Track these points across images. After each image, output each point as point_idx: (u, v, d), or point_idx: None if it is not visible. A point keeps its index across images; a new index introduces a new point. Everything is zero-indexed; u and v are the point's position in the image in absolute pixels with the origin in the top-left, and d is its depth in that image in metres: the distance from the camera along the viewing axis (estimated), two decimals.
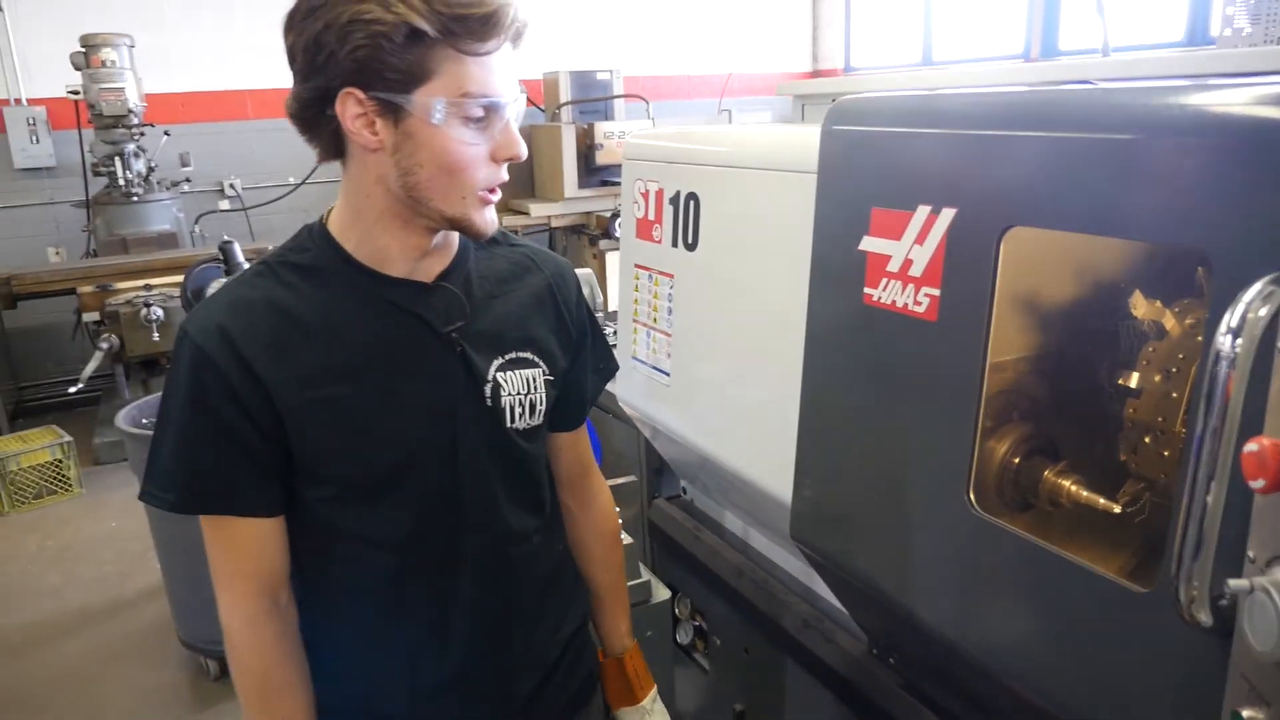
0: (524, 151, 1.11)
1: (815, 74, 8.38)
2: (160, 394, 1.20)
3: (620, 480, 2.18)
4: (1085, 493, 1.38)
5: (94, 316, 4.69)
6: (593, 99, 6.25)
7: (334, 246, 1.16)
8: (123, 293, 4.69)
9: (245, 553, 1.16)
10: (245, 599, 1.16)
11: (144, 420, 2.91)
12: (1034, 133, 1.01)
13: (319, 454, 1.13)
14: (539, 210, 5.90)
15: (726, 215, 1.70)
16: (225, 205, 6.24)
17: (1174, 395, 1.22)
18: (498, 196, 1.14)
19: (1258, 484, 0.65)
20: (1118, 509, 1.33)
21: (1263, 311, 0.77)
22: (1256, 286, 0.78)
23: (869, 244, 1.27)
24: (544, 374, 1.27)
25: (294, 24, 1.05)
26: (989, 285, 1.10)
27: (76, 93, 5.06)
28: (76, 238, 5.86)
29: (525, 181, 6.29)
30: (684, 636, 2.29)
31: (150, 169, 5.37)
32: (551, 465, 1.41)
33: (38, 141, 5.71)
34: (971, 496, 1.19)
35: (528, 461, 1.28)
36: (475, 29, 1.02)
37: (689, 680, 2.27)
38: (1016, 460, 1.46)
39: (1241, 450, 0.69)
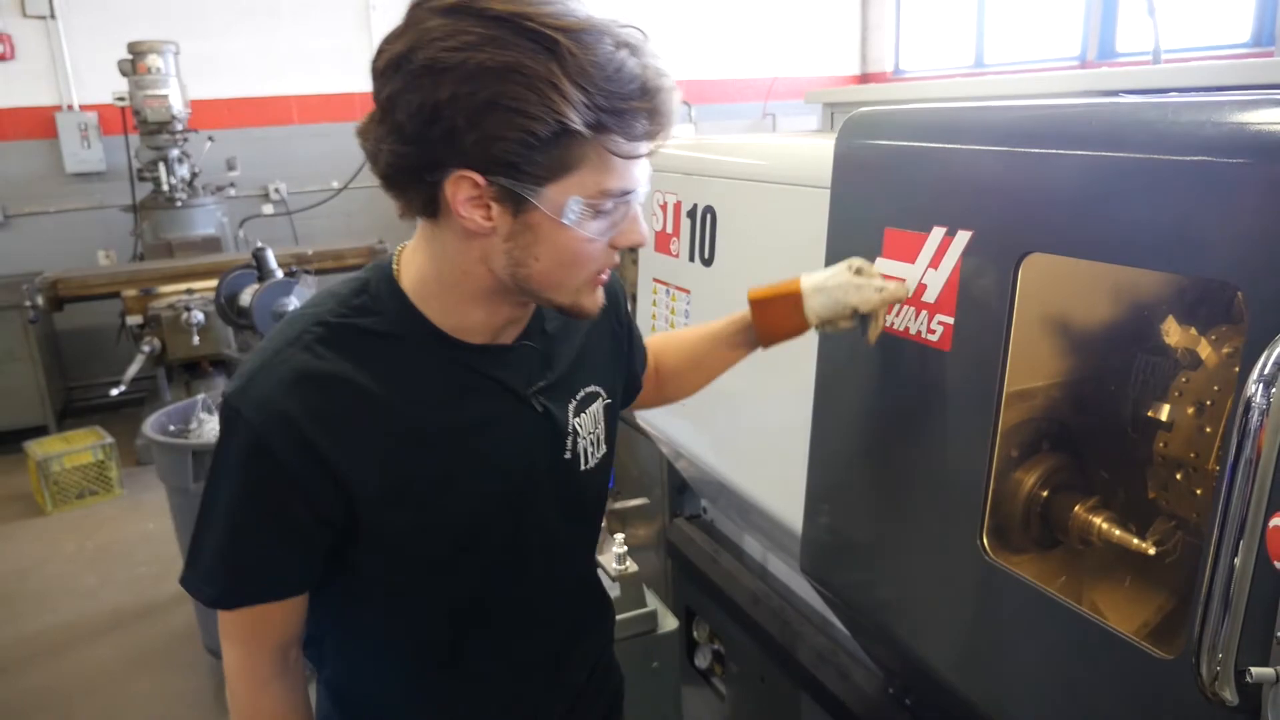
0: (644, 240, 1.00)
1: (864, 78, 8.24)
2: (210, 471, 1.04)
3: (633, 502, 2.12)
4: (1118, 531, 1.29)
5: (137, 320, 4.75)
6: None
7: (413, 313, 1.01)
8: (165, 296, 4.75)
9: (268, 625, 1.06)
10: (259, 662, 1.08)
11: (171, 427, 2.93)
12: (1054, 150, 0.93)
13: (388, 532, 1.03)
14: None
15: (743, 230, 1.63)
16: (269, 210, 6.31)
17: (1208, 430, 1.13)
18: (608, 277, 1.04)
19: None
20: (1151, 551, 1.24)
21: None
22: None
23: (882, 266, 1.20)
24: (604, 400, 1.19)
25: (402, 73, 0.87)
26: (1006, 315, 1.02)
27: (123, 99, 5.15)
28: (125, 241, 5.97)
29: None
30: (703, 660, 2.23)
31: (194, 174, 5.44)
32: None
33: (89, 147, 5.82)
34: (984, 541, 1.11)
35: (592, 498, 1.23)
36: (635, 127, 0.89)
37: (706, 705, 2.20)
38: (1045, 494, 1.37)
39: (1268, 524, 0.61)
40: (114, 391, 4.45)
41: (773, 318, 1.26)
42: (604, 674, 1.36)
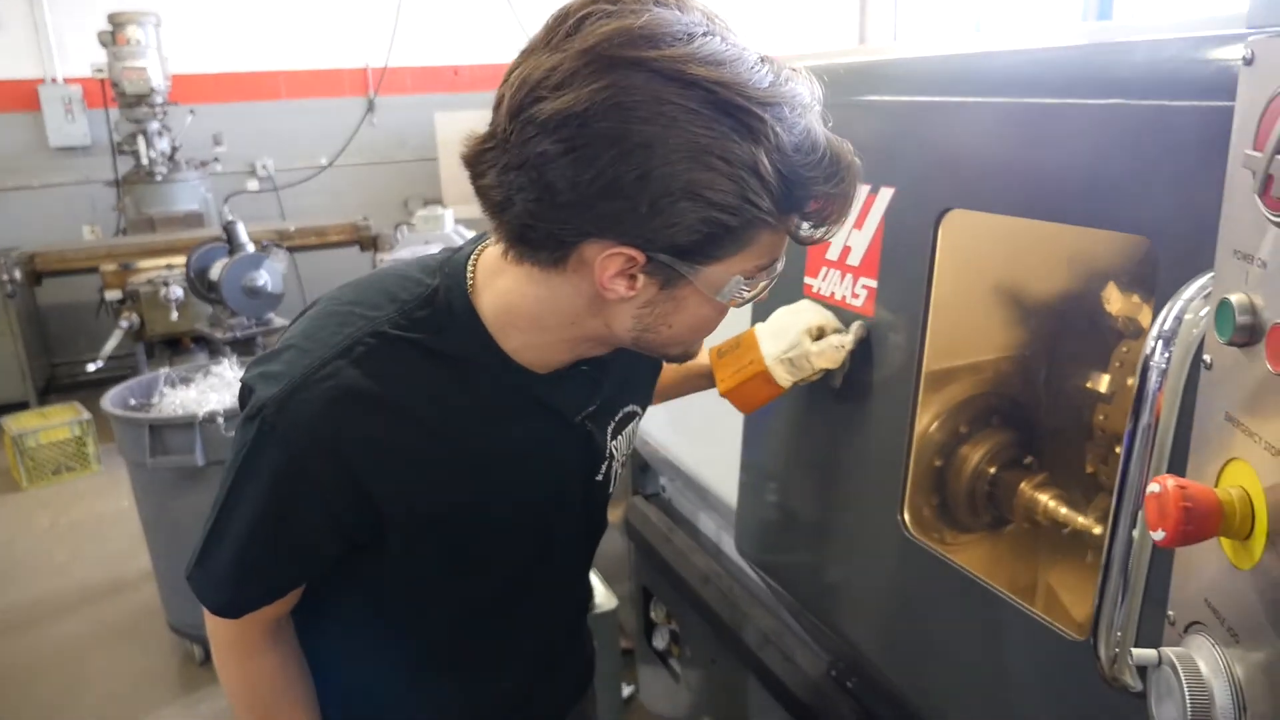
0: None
1: None
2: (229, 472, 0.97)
3: None
4: (1064, 509, 1.24)
5: (116, 295, 4.70)
6: None
7: (485, 341, 0.94)
8: (144, 272, 4.69)
9: (267, 610, 1.02)
10: (247, 636, 1.04)
11: (133, 401, 2.88)
12: (968, 99, 0.87)
13: (413, 554, 1.00)
14: None
15: None
16: (254, 186, 6.24)
17: None
18: None
19: (1158, 534, 0.51)
20: (1099, 529, 1.19)
21: (1203, 314, 0.62)
22: (1199, 282, 0.63)
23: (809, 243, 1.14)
24: (639, 418, 1.15)
25: (571, 133, 0.75)
26: (926, 276, 0.96)
27: (101, 71, 5.08)
28: (110, 216, 5.92)
29: None
30: (660, 641, 2.18)
31: (175, 148, 5.38)
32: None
33: (73, 120, 5.75)
34: (905, 517, 1.05)
35: (606, 515, 1.20)
36: (823, 213, 0.83)
37: (662, 685, 2.16)
38: (992, 470, 1.32)
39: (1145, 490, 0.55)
40: (91, 367, 4.40)
41: (747, 395, 1.22)
42: (580, 643, 1.35)
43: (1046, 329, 1.27)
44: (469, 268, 0.95)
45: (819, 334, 1.14)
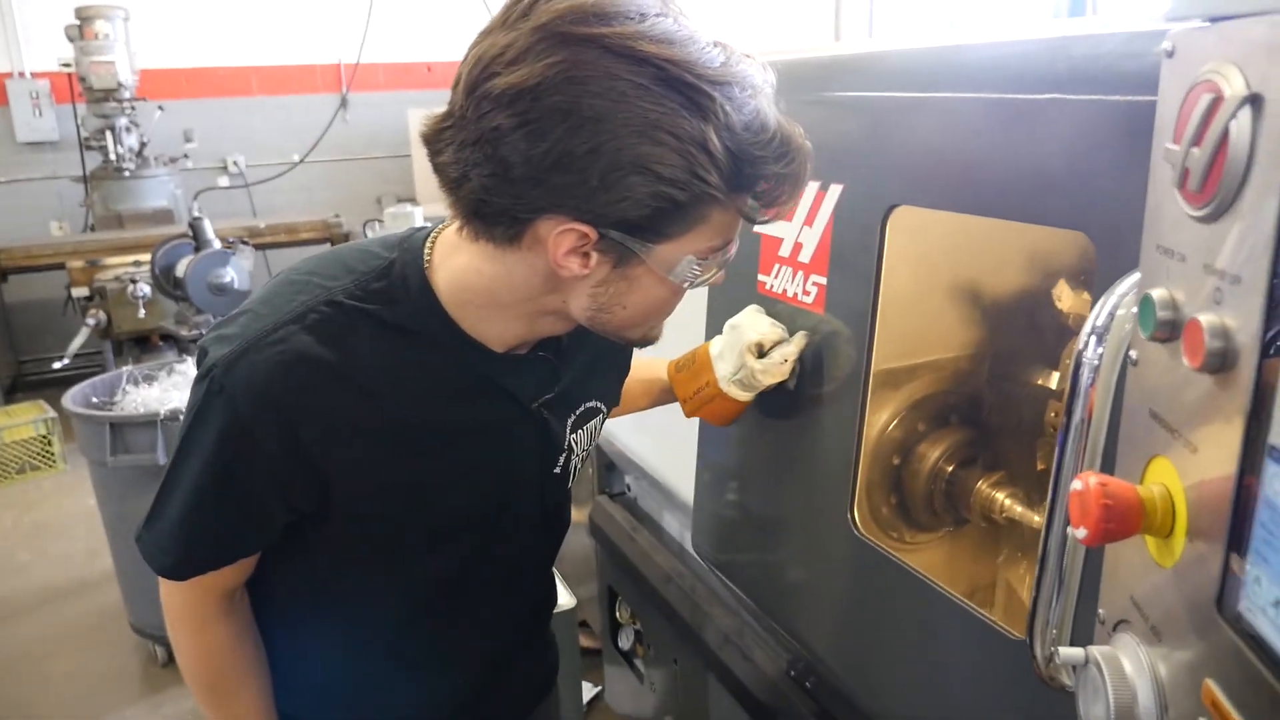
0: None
1: None
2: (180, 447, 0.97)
3: None
4: (1019, 508, 1.24)
5: (84, 292, 4.64)
6: None
7: (440, 315, 0.94)
8: (111, 269, 4.63)
9: (214, 579, 1.01)
10: (198, 604, 1.03)
11: (95, 399, 2.83)
12: (912, 94, 0.86)
13: (360, 527, 0.99)
14: None
15: None
16: (225, 182, 6.18)
17: None
18: None
19: (1080, 533, 0.50)
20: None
21: (1134, 310, 0.62)
22: (1132, 279, 0.63)
23: (762, 225, 1.13)
24: (602, 415, 1.14)
25: (524, 108, 0.77)
26: (874, 274, 0.96)
27: (68, 65, 5.01)
28: (78, 212, 5.84)
29: None
30: (625, 642, 2.17)
31: (143, 144, 5.31)
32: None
33: (40, 115, 5.67)
34: (854, 515, 1.04)
35: (566, 507, 1.18)
36: (774, 194, 0.84)
37: (627, 685, 2.15)
38: (950, 469, 1.31)
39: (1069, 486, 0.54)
40: (57, 365, 4.34)
41: (715, 414, 1.22)
42: (543, 646, 1.33)
43: (1002, 326, 1.27)
44: (428, 245, 0.95)
45: (760, 350, 1.14)
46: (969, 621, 0.89)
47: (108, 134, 5.02)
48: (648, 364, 1.33)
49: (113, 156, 5.11)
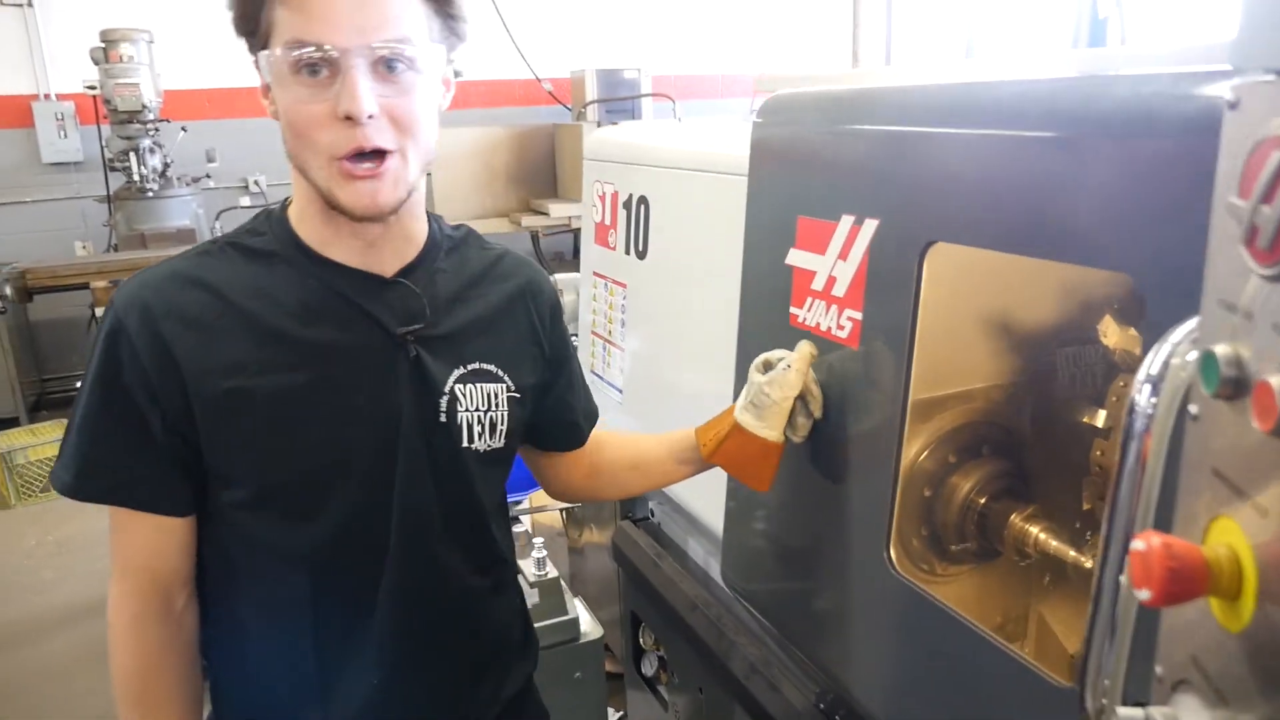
0: (358, 108, 0.92)
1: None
2: None
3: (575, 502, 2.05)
4: (1054, 542, 1.22)
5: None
6: (619, 98, 6.12)
7: (289, 232, 1.04)
8: None
9: (142, 548, 1.05)
10: (135, 596, 1.05)
11: None
12: (954, 129, 0.85)
13: (232, 452, 1.02)
14: (559, 210, 5.79)
15: (674, 221, 1.56)
16: (247, 201, 6.23)
17: None
18: (370, 168, 0.96)
19: (1143, 594, 0.49)
20: (1089, 563, 1.16)
21: (1190, 358, 0.61)
22: (1186, 326, 0.61)
23: (795, 257, 1.12)
24: (507, 390, 1.13)
25: None
26: (910, 311, 0.95)
27: (94, 87, 5.08)
28: (102, 232, 5.90)
29: (547, 181, 6.19)
30: (648, 668, 2.16)
31: (167, 164, 5.36)
32: (553, 476, 1.34)
33: (65, 136, 5.74)
34: (891, 553, 1.03)
35: (480, 490, 1.14)
36: None
37: (651, 712, 2.13)
38: (982, 501, 1.30)
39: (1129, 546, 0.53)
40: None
41: (732, 456, 1.19)
42: (514, 718, 1.28)
43: (1039, 358, 1.25)
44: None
45: (768, 366, 1.14)
46: (1006, 662, 0.88)
47: (132, 155, 5.08)
48: (636, 439, 1.36)
49: (136, 177, 5.16)
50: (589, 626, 1.66)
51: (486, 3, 6.24)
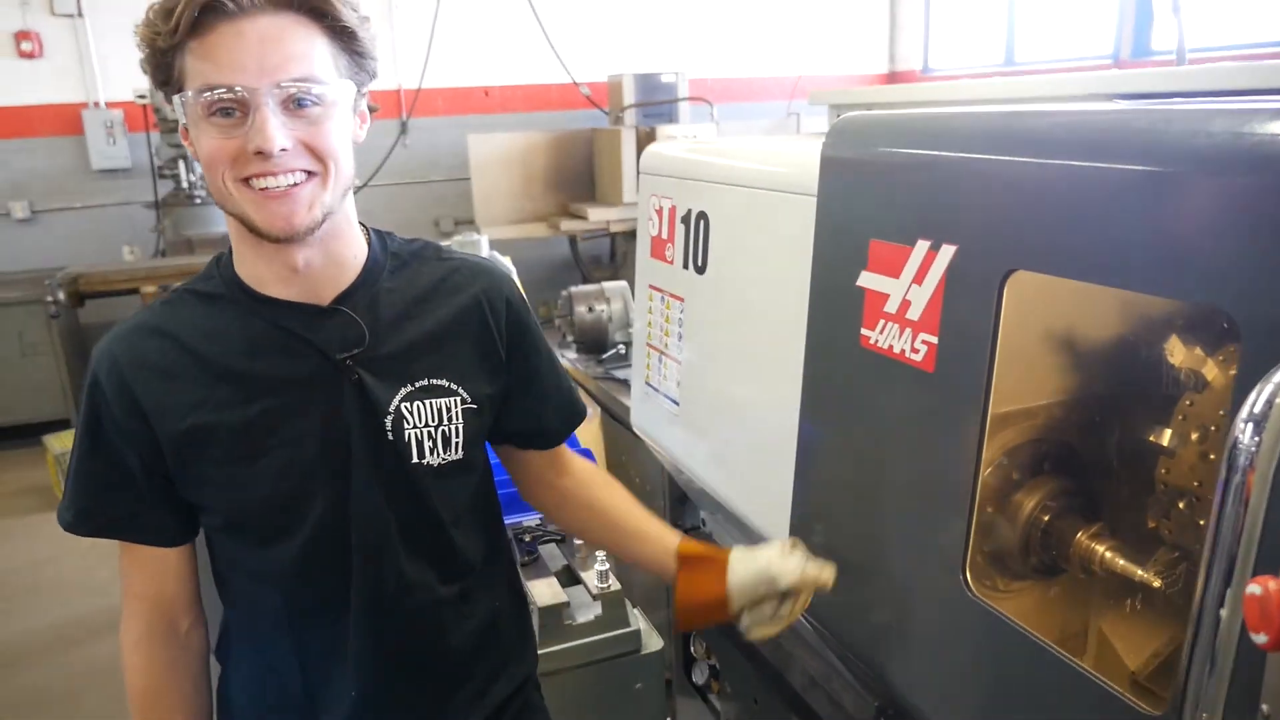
0: (268, 145, 0.98)
1: (891, 76, 8.12)
2: None
3: None
4: (1121, 561, 1.22)
5: None
6: (656, 102, 6.14)
7: (231, 273, 1.11)
8: None
9: (142, 574, 1.15)
10: (139, 619, 1.16)
11: None
12: (1038, 160, 0.86)
13: (199, 485, 1.10)
14: (597, 215, 5.82)
15: (734, 237, 1.57)
16: None
17: (1212, 457, 1.05)
18: (284, 192, 1.01)
19: (1260, 638, 0.50)
20: (1156, 583, 1.17)
21: None
22: None
23: (867, 280, 1.14)
24: (462, 402, 1.16)
25: None
26: (990, 338, 0.96)
27: (143, 96, 5.17)
28: (149, 237, 6.01)
29: (585, 185, 6.22)
30: (700, 677, 2.17)
31: None
32: (524, 476, 1.37)
33: (114, 144, 5.86)
34: (967, 575, 1.04)
35: (437, 503, 1.17)
36: (167, 23, 0.96)
37: None
38: (1046, 518, 1.30)
39: (1245, 590, 0.54)
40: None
41: (695, 578, 1.29)
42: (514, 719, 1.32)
43: (1102, 375, 1.26)
44: None
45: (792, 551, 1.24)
46: (1095, 692, 0.88)
47: (180, 163, 5.16)
48: (626, 504, 1.40)
49: (184, 184, 5.25)
50: (650, 638, 1.68)
51: (525, 8, 6.29)
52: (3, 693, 3.17)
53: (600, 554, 1.72)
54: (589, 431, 2.65)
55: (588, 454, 1.83)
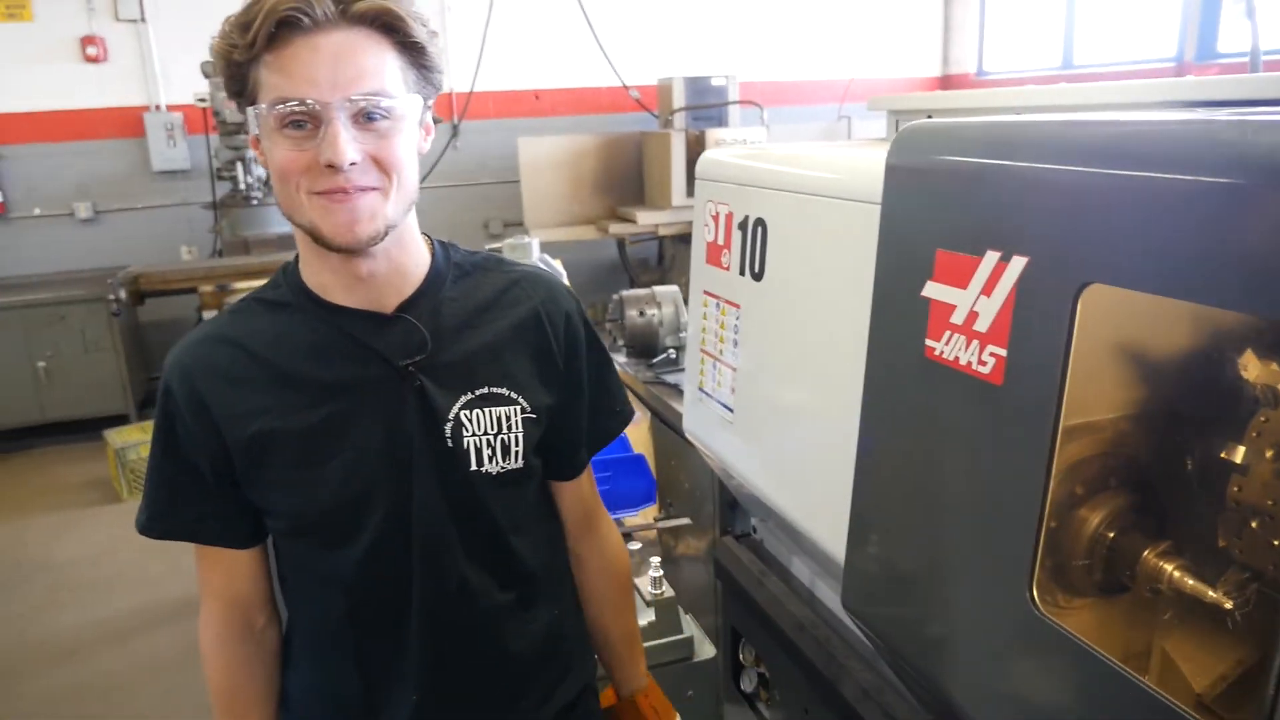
0: (340, 157, 1.00)
1: (945, 79, 8.03)
2: None
3: (673, 522, 2.06)
4: (1190, 581, 1.19)
5: (213, 314, 4.87)
6: (706, 105, 6.13)
7: (298, 281, 1.15)
8: (239, 293, 4.85)
9: (218, 575, 1.19)
10: (218, 618, 1.20)
11: None
12: (1119, 171, 0.84)
13: (265, 489, 1.13)
14: (646, 218, 5.83)
15: (794, 245, 1.56)
16: None
17: None
18: (349, 201, 1.03)
19: None
20: (1228, 605, 1.14)
21: None
22: None
23: (932, 290, 1.12)
24: (522, 411, 1.18)
25: None
26: (1062, 352, 0.94)
27: (204, 100, 5.29)
28: (206, 238, 6.14)
29: (634, 188, 6.23)
30: (748, 684, 2.16)
31: (269, 174, 5.55)
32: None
33: (174, 146, 6.01)
34: (1034, 594, 1.02)
35: (496, 511, 1.19)
36: (247, 35, 0.99)
37: None
38: (1111, 535, 1.27)
39: None
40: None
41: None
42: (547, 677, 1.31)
43: (1172, 389, 1.23)
44: None
45: None
46: (1152, 705, 0.86)
47: (238, 165, 5.27)
48: (622, 601, 1.46)
49: (242, 186, 5.36)
50: (702, 646, 1.67)
51: (576, 12, 6.32)
52: (62, 682, 3.25)
53: (654, 560, 1.72)
54: (639, 435, 2.65)
55: (640, 460, 1.83)
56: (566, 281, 1.66)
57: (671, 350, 2.82)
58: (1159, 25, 6.21)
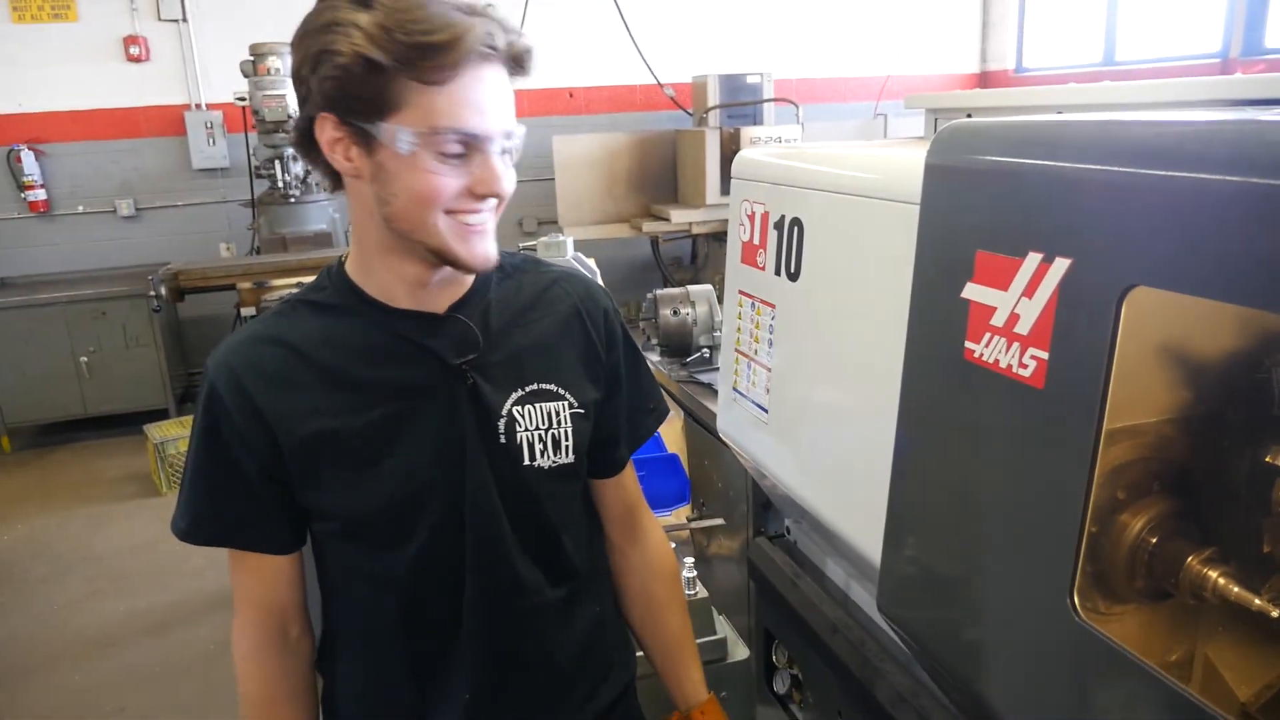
0: (504, 189, 1.04)
1: (983, 76, 7.93)
2: None
3: (706, 522, 2.06)
4: (1236, 588, 1.17)
5: (251, 311, 4.92)
6: (741, 103, 6.11)
7: (347, 283, 1.15)
8: (276, 289, 4.91)
9: (255, 584, 1.18)
10: (254, 626, 1.19)
11: None
12: (1165, 172, 0.83)
13: (319, 490, 1.12)
14: (680, 216, 5.82)
15: (830, 245, 1.55)
16: None
17: None
18: (484, 227, 1.07)
19: None
20: (1275, 613, 1.11)
21: None
22: None
23: (972, 291, 1.11)
24: (569, 406, 1.19)
25: (292, 53, 1.05)
26: (1106, 355, 0.92)
27: (243, 99, 5.36)
28: (245, 235, 6.23)
29: (668, 187, 6.23)
30: (781, 686, 2.15)
31: (308, 172, 5.62)
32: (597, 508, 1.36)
33: (214, 144, 6.10)
34: (1075, 600, 1.01)
35: (548, 505, 1.20)
36: (433, 57, 0.96)
37: None
38: (1154, 541, 1.25)
39: None
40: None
41: None
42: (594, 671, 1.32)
43: (1217, 393, 1.20)
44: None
45: None
46: (1197, 715, 0.85)
47: (276, 163, 5.34)
48: (675, 620, 1.43)
49: (280, 184, 5.42)
50: (736, 647, 1.67)
51: (611, 10, 6.32)
52: (103, 672, 3.31)
53: (688, 560, 1.72)
54: (672, 434, 2.65)
55: (674, 459, 1.83)
56: (600, 280, 1.66)
57: (705, 349, 2.81)
58: (1203, 19, 6.09)
